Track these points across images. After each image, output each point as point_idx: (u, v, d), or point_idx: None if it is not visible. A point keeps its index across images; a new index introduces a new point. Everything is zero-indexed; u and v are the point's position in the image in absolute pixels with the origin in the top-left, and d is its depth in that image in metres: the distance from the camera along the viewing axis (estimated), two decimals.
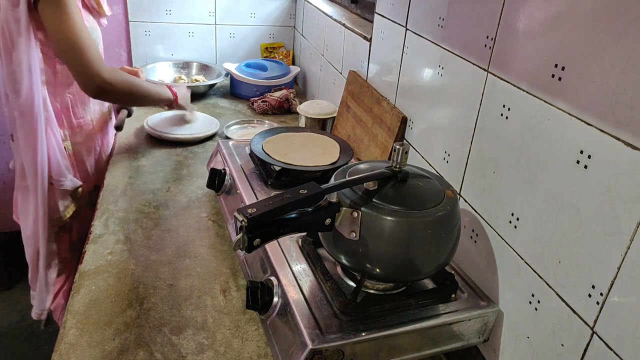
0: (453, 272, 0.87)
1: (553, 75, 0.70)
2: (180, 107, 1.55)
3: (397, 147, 0.77)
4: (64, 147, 1.32)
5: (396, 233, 0.74)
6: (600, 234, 0.63)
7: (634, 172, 0.58)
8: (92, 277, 0.97)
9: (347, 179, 0.78)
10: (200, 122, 1.64)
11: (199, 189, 1.30)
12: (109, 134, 1.53)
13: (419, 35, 1.10)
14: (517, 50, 0.78)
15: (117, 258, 1.02)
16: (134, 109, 1.62)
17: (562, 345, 0.70)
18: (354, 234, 0.74)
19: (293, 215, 0.70)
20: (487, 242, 0.86)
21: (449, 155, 0.99)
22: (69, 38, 1.13)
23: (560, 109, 0.69)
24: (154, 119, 1.61)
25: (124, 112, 1.55)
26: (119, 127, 1.49)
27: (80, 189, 1.38)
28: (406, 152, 0.78)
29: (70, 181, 1.35)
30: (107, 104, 1.53)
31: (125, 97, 1.31)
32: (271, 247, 0.89)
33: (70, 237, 1.41)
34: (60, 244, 1.38)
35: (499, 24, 0.82)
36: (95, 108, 1.45)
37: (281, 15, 2.25)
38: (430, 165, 1.06)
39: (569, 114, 0.67)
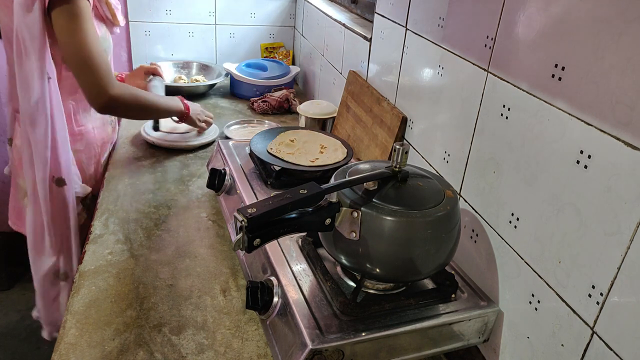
0: (453, 272, 0.87)
1: (553, 75, 0.70)
2: (190, 123, 1.48)
3: (397, 147, 0.77)
4: None
5: (396, 233, 0.74)
6: (600, 234, 0.63)
7: (634, 172, 0.58)
8: (92, 277, 0.97)
9: (347, 179, 0.78)
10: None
11: (199, 189, 1.30)
12: (109, 142, 1.50)
13: (419, 35, 1.10)
14: (517, 50, 0.78)
15: (117, 258, 1.02)
16: None
17: (562, 345, 0.70)
18: (354, 234, 0.74)
19: (293, 215, 0.70)
20: (487, 242, 0.86)
21: (449, 155, 0.99)
22: (81, 51, 1.11)
23: (560, 109, 0.69)
24: (151, 125, 1.58)
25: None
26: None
27: (89, 195, 1.37)
28: (406, 152, 0.78)
29: (82, 187, 1.34)
30: None
31: (133, 112, 1.28)
32: (271, 247, 0.89)
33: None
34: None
35: (499, 24, 0.82)
36: (97, 116, 1.41)
37: (281, 15, 2.25)
38: (430, 165, 1.06)
39: (569, 114, 0.67)
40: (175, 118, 1.46)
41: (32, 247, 1.31)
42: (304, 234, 0.93)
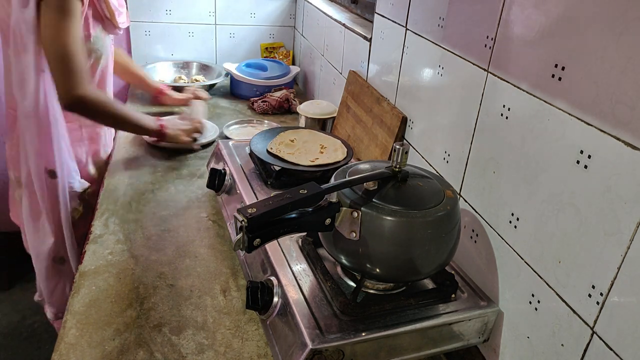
0: (453, 272, 0.87)
1: (553, 75, 0.70)
2: (173, 140, 1.42)
3: (397, 147, 0.77)
4: None
5: (396, 233, 0.74)
6: (600, 234, 0.63)
7: (634, 172, 0.58)
8: (92, 277, 0.97)
9: (347, 179, 0.78)
10: None
11: (199, 189, 1.30)
12: (108, 136, 1.50)
13: (419, 35, 1.10)
14: (517, 50, 0.78)
15: (117, 258, 1.02)
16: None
17: (562, 345, 0.70)
18: (354, 234, 0.74)
19: (293, 215, 0.70)
20: (487, 242, 0.86)
21: (449, 155, 0.99)
22: (60, 48, 1.12)
23: (560, 109, 0.69)
24: None
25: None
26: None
27: (88, 191, 1.38)
28: (406, 152, 0.78)
29: (79, 182, 1.35)
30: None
31: (99, 117, 1.27)
32: (271, 247, 0.89)
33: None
34: None
35: (499, 24, 0.82)
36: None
37: (281, 15, 2.25)
38: (430, 165, 1.06)
39: (569, 114, 0.67)
40: (148, 138, 1.46)
41: (31, 233, 1.34)
42: (304, 234, 0.93)
